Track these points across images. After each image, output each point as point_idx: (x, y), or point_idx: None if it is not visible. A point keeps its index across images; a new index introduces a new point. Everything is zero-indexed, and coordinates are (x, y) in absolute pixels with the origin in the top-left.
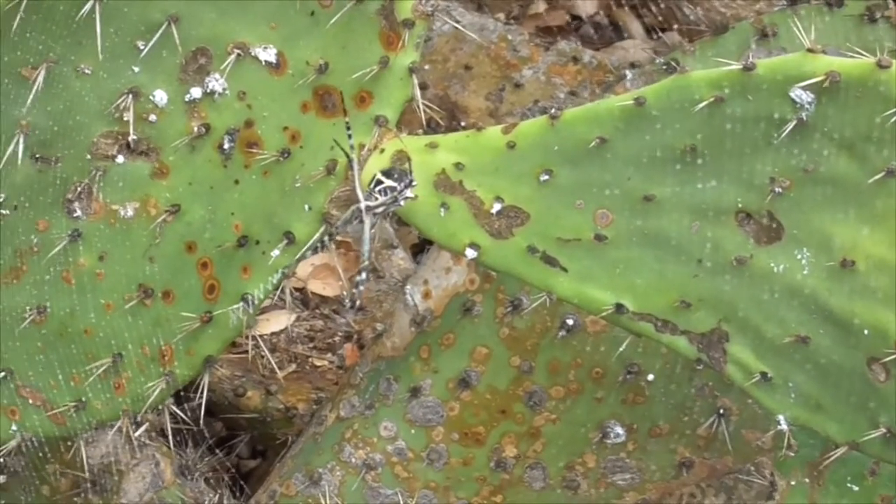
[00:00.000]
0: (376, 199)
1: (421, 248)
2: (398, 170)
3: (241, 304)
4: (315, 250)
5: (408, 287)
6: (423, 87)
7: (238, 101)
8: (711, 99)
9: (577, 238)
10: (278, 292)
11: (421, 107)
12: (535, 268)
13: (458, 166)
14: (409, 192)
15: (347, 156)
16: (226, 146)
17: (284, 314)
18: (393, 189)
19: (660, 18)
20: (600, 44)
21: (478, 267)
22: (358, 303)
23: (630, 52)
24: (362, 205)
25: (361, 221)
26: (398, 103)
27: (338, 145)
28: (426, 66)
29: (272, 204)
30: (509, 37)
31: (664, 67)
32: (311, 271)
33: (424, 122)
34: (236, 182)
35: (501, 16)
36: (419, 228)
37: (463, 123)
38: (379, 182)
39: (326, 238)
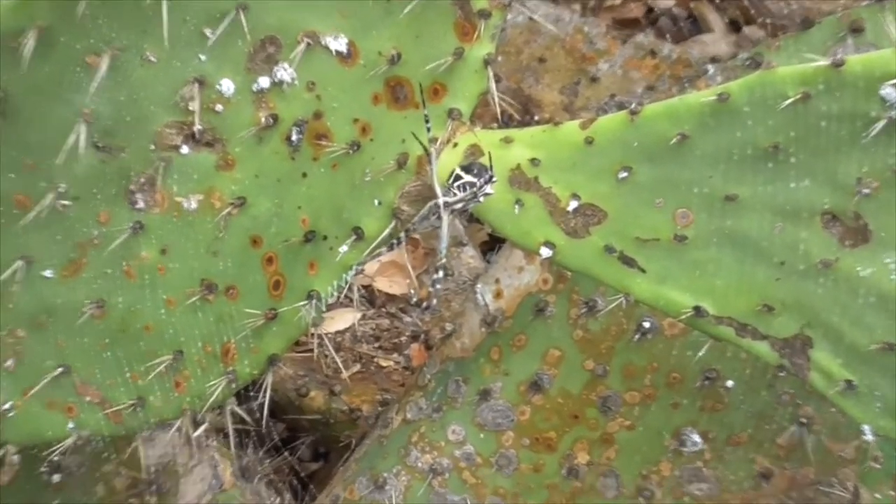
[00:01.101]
0: (454, 194)
1: (491, 245)
2: (477, 164)
3: (308, 301)
4: (391, 247)
5: (478, 286)
6: (496, 79)
7: (307, 92)
8: (798, 96)
9: (655, 238)
10: (344, 289)
11: (496, 99)
12: (612, 268)
13: (534, 162)
14: (488, 189)
15: (426, 150)
16: (294, 138)
17: (350, 312)
18: (472, 185)
19: (740, 13)
20: (677, 38)
21: (552, 266)
22: (434, 302)
23: (710, 47)
24: (440, 200)
25: (439, 218)
26: (472, 96)
27: (416, 139)
28: (499, 58)
29: (341, 198)
30: (585, 29)
31: (747, 63)
32: (377, 268)
33: (499, 116)
34: (304, 175)
35: (577, 7)
36: (492, 225)
37: (536, 118)
38: (458, 177)
39: (402, 234)
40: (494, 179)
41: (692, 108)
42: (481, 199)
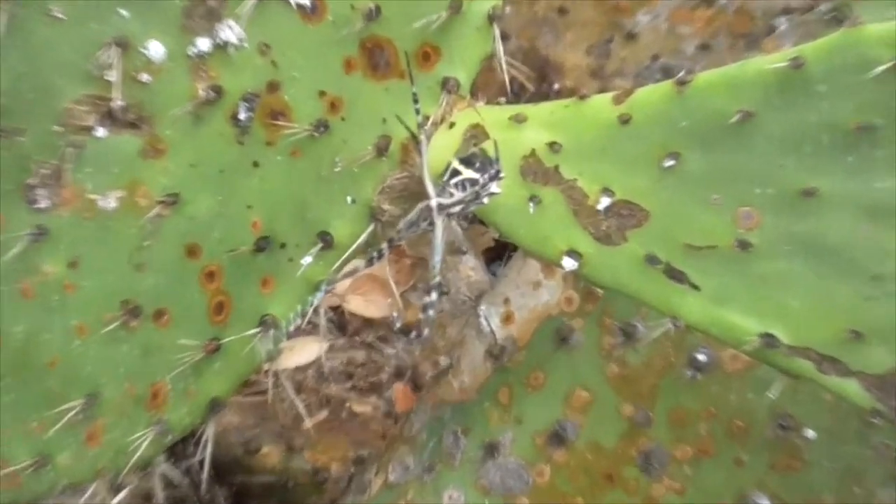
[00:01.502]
0: (451, 194)
1: (498, 254)
2: (480, 156)
3: (260, 328)
4: (369, 260)
5: (482, 307)
6: (503, 37)
7: (259, 57)
8: (891, 63)
9: (711, 245)
10: (308, 313)
11: (504, 65)
12: (656, 284)
13: (554, 147)
14: (494, 187)
15: (413, 135)
16: (242, 116)
17: (315, 342)
18: (474, 182)
19: None
20: None
21: (578, 282)
22: (426, 331)
23: None
24: (433, 202)
25: (431, 223)
26: (473, 61)
27: (400, 122)
28: (507, 10)
29: (303, 194)
30: None
31: (828, 17)
32: (350, 285)
33: (507, 87)
34: (255, 164)
35: None
36: (500, 229)
37: (556, 87)
38: (455, 172)
39: (384, 245)
40: (502, 175)
41: (758, 77)
42: (485, 200)
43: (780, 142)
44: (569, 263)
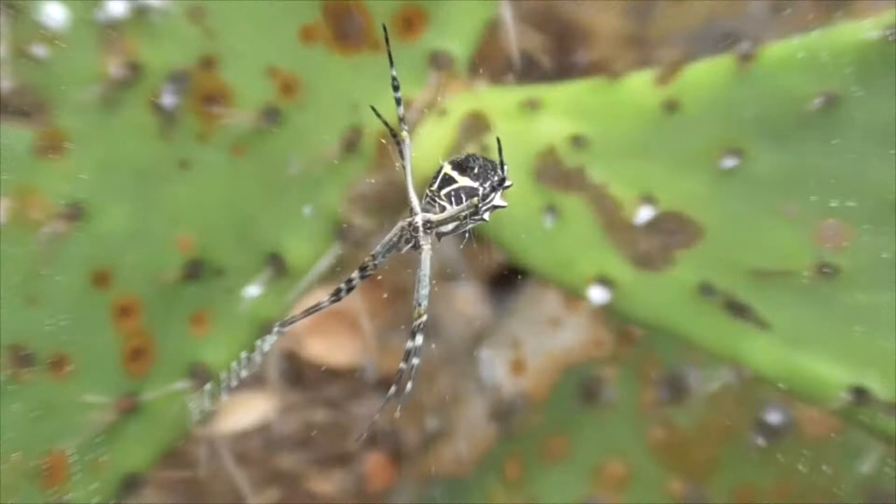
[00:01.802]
0: (442, 207)
1: (505, 282)
2: (479, 159)
3: (190, 381)
4: (335, 293)
5: (483, 352)
6: None
7: (190, 24)
8: None
9: (785, 270)
10: (254, 360)
11: (512, 33)
12: (713, 322)
13: (578, 141)
14: (498, 199)
15: (393, 132)
16: (167, 102)
17: (262, 399)
18: (471, 192)
19: None
20: None
21: (609, 318)
22: (409, 387)
23: None
24: (418, 218)
25: (416, 246)
26: (471, 28)
27: (374, 113)
28: None
29: (247, 205)
30: None
31: None
32: (308, 324)
33: (516, 61)
34: (184, 166)
35: None
36: (507, 250)
37: (582, 60)
38: (447, 180)
39: (355, 276)
40: (509, 183)
41: (846, 51)
42: (487, 216)
43: (877, 135)
44: (598, 295)
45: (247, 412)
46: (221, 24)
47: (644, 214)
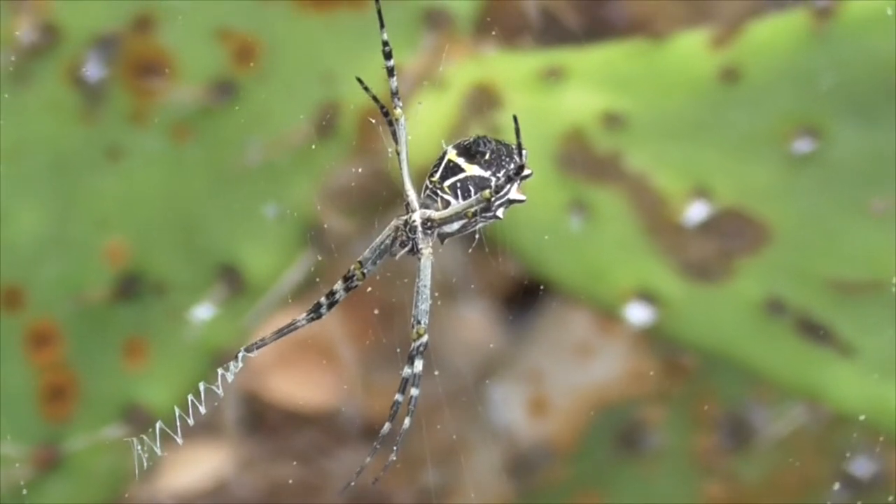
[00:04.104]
0: (445, 202)
1: (524, 298)
2: (490, 142)
3: (124, 427)
4: (310, 316)
5: (495, 388)
6: None
7: None
8: None
9: (873, 281)
10: (203, 401)
11: None
12: (784, 346)
13: (613, 120)
14: (514, 192)
15: (384, 110)
16: (92, 73)
17: (213, 450)
18: (482, 183)
19: None
20: None
21: (654, 344)
22: (406, 425)
23: None
24: (416, 216)
25: (413, 251)
26: None
27: (361, 86)
28: None
29: (194, 203)
30: None
31: None
32: (273, 354)
33: (535, 17)
34: (113, 154)
35: None
36: (524, 257)
37: (619, 16)
38: (452, 168)
39: (338, 288)
40: (528, 172)
41: None
42: (501, 213)
43: None
44: (638, 314)
45: (195, 467)
46: None
47: (697, 212)
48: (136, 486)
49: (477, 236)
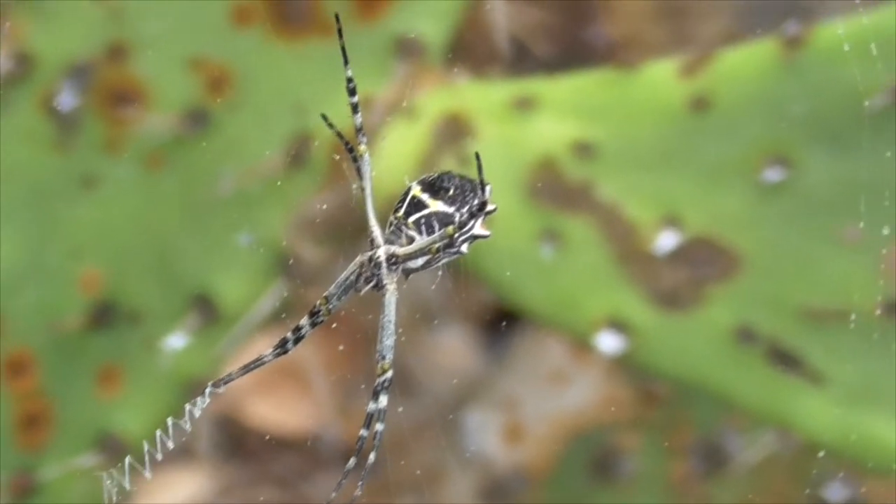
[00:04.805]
0: (410, 238)
1: (499, 325)
2: (455, 178)
3: (98, 455)
4: (281, 347)
5: (470, 416)
6: None
7: (94, 4)
8: None
9: (843, 310)
10: (181, 428)
11: (500, 12)
12: (755, 374)
13: (583, 149)
14: (479, 228)
15: (348, 146)
16: (66, 102)
17: (190, 476)
18: (446, 219)
19: None
20: None
21: (628, 372)
22: (371, 459)
23: None
24: (380, 251)
25: (378, 287)
26: (448, 6)
27: (325, 122)
28: None
29: (167, 232)
30: None
31: None
32: (251, 381)
33: (506, 47)
34: (88, 183)
35: None
36: (496, 286)
37: (599, 39)
38: (417, 204)
39: (304, 323)
40: (492, 208)
41: None
42: (465, 248)
43: None
44: (609, 343)
45: (173, 492)
46: (132, 3)
47: (667, 241)
48: None
49: (441, 272)
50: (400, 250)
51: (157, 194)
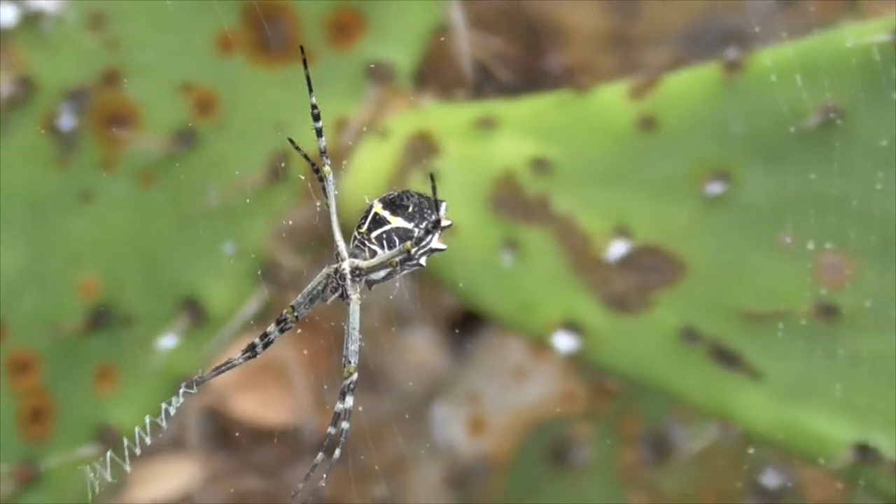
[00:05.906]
0: (373, 252)
1: (465, 326)
2: (414, 196)
3: (97, 445)
4: (250, 351)
5: (437, 409)
6: None
7: (90, 33)
8: None
9: (779, 312)
10: (170, 420)
11: (464, 39)
12: (698, 371)
13: (540, 165)
14: (436, 243)
15: (314, 167)
16: (65, 123)
17: (181, 465)
18: (405, 234)
19: None
20: None
21: (582, 369)
22: (336, 454)
23: None
24: (345, 265)
25: (343, 296)
26: (416, 33)
27: (293, 146)
28: None
29: (159, 242)
30: None
31: None
32: (235, 377)
33: (470, 72)
34: (86, 198)
35: None
36: (459, 292)
37: (554, 66)
38: (378, 221)
39: (271, 330)
40: (447, 223)
41: (850, 58)
42: (423, 261)
43: (884, 156)
44: (564, 342)
45: (164, 480)
46: (125, 33)
47: (617, 249)
48: (107, 499)
49: (398, 285)
50: (363, 263)
51: (149, 207)
